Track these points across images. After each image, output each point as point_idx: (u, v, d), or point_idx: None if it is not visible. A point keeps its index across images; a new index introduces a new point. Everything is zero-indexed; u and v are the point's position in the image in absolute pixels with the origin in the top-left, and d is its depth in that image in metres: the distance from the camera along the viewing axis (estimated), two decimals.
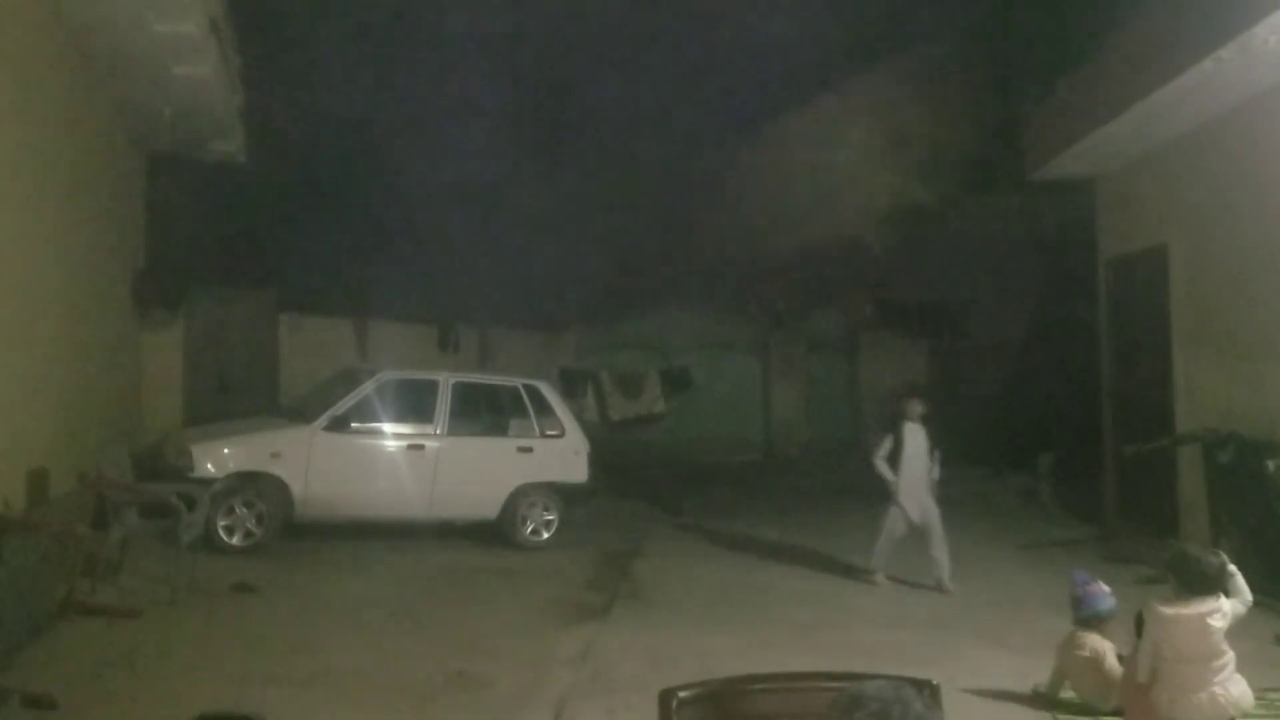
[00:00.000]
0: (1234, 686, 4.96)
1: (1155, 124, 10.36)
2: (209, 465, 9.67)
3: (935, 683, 2.53)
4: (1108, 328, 12.81)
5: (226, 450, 9.88)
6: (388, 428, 10.57)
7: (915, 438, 9.43)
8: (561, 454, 11.13)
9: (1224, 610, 4.98)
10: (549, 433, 11.16)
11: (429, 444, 10.55)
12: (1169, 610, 5.04)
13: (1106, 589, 6.18)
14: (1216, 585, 5.05)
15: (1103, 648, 5.91)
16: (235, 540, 9.60)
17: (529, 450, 11.01)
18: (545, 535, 10.89)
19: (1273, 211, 9.11)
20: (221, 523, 9.54)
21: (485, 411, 11.49)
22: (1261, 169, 9.27)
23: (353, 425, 10.33)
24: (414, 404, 10.72)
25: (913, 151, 17.96)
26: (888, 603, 8.92)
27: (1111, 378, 12.68)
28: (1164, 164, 11.14)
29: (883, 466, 9.39)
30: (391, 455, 10.49)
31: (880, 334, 20.76)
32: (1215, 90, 9.15)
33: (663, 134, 17.02)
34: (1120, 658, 5.73)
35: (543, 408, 11.21)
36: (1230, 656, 4.98)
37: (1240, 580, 5.14)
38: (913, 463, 9.33)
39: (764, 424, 21.27)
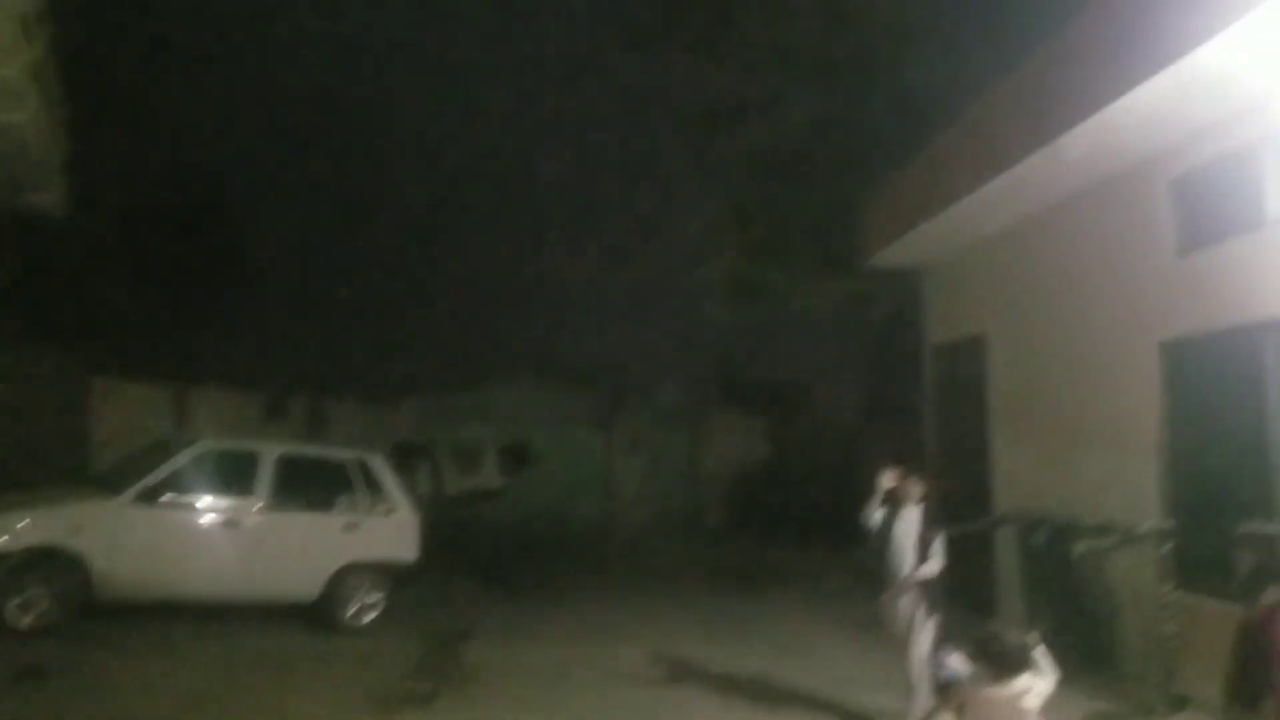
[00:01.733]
0: None
1: (976, 220, 10.94)
2: (1, 538, 8.93)
3: None
4: (933, 412, 13.30)
5: (21, 523, 9.18)
6: (203, 501, 10.02)
7: (907, 525, 7.69)
8: (390, 531, 10.76)
9: (1035, 690, 5.09)
10: (378, 509, 10.78)
11: (247, 519, 10.03)
12: (982, 693, 5.11)
13: (954, 660, 6.19)
14: (1025, 665, 5.16)
15: None
16: (27, 621, 8.88)
17: (355, 527, 10.60)
18: (370, 617, 10.47)
19: (1078, 308, 9.68)
20: (13, 601, 8.85)
21: (310, 486, 10.95)
22: (1069, 267, 9.88)
23: (165, 498, 9.76)
24: (233, 476, 10.18)
25: (754, 234, 18.46)
26: (723, 685, 8.84)
27: (935, 460, 13.12)
28: (984, 258, 11.74)
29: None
30: (205, 531, 9.94)
31: (722, 411, 21.09)
32: (1030, 191, 9.75)
33: (505, 205, 17.08)
34: None
35: (372, 483, 10.84)
36: None
37: (1047, 659, 5.27)
38: (899, 555, 7.65)
39: (605, 499, 21.21)
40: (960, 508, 11.81)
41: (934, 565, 7.63)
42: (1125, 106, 7.54)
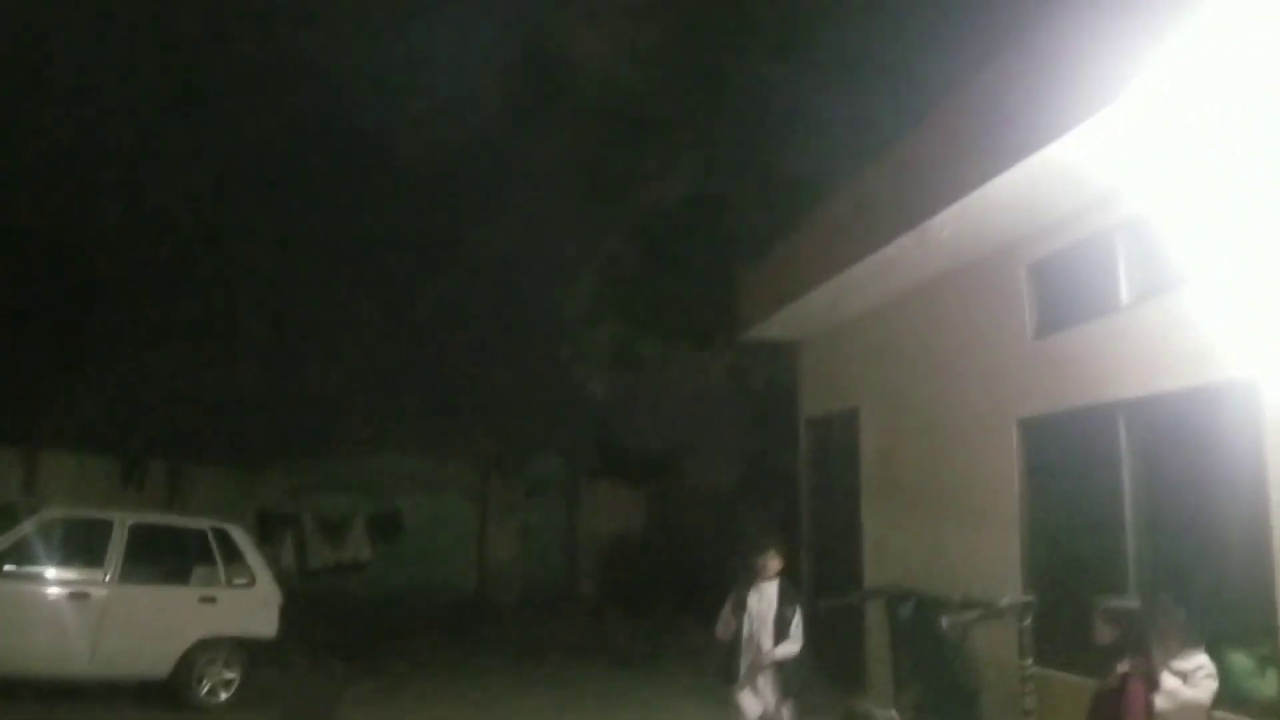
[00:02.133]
0: None
1: (848, 297, 11.22)
2: None
3: None
4: (807, 484, 13.48)
5: None
6: (49, 573, 9.53)
7: (764, 602, 7.46)
8: (249, 605, 10.34)
9: None
10: (237, 581, 10.36)
11: (95, 592, 9.51)
12: None
13: None
14: None
15: None
16: None
17: (212, 601, 10.15)
18: (224, 695, 10.00)
19: (943, 385, 9.99)
20: None
21: (165, 556, 10.48)
22: (935, 345, 10.20)
23: (5, 569, 9.22)
24: (82, 547, 9.73)
25: (634, 304, 18.60)
26: None
27: (809, 532, 13.26)
28: (857, 334, 12.04)
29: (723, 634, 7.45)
30: (50, 604, 9.42)
31: (600, 480, 20.96)
32: (899, 270, 10.05)
33: (379, 271, 16.64)
34: None
35: (232, 554, 10.41)
36: None
37: None
38: (755, 636, 7.38)
39: (478, 571, 20.78)
40: (832, 580, 11.97)
41: (793, 646, 7.38)
42: (986, 194, 7.85)
